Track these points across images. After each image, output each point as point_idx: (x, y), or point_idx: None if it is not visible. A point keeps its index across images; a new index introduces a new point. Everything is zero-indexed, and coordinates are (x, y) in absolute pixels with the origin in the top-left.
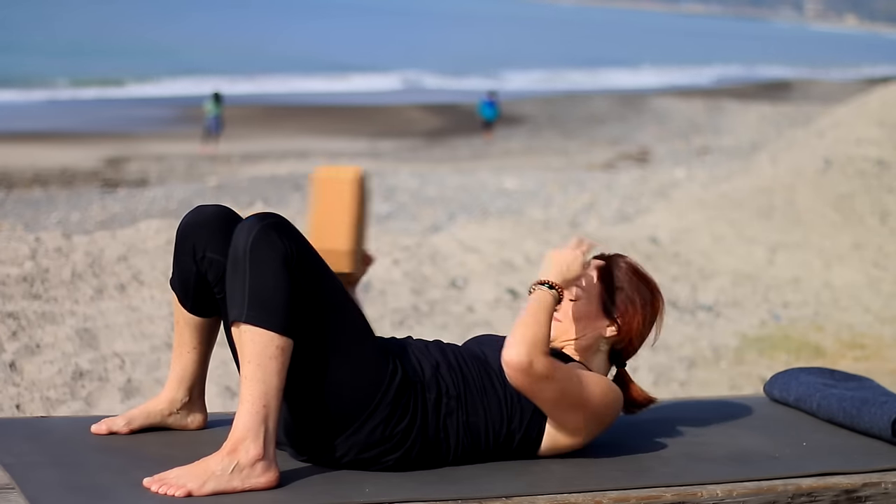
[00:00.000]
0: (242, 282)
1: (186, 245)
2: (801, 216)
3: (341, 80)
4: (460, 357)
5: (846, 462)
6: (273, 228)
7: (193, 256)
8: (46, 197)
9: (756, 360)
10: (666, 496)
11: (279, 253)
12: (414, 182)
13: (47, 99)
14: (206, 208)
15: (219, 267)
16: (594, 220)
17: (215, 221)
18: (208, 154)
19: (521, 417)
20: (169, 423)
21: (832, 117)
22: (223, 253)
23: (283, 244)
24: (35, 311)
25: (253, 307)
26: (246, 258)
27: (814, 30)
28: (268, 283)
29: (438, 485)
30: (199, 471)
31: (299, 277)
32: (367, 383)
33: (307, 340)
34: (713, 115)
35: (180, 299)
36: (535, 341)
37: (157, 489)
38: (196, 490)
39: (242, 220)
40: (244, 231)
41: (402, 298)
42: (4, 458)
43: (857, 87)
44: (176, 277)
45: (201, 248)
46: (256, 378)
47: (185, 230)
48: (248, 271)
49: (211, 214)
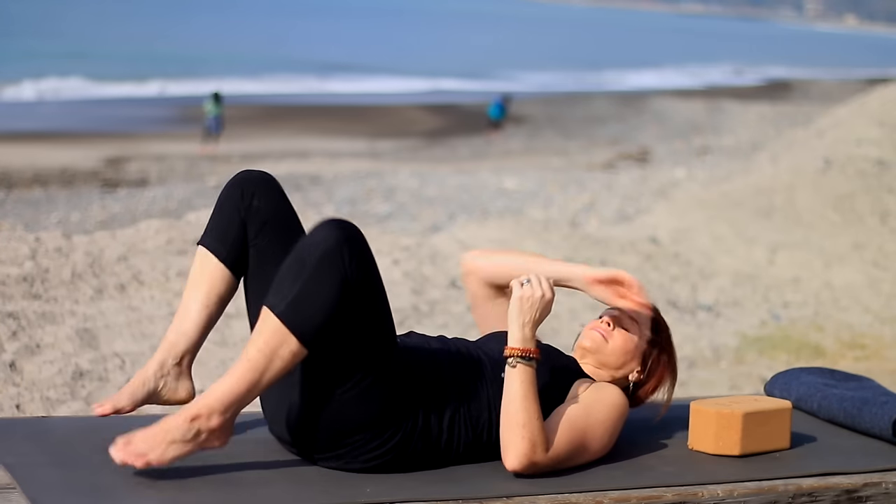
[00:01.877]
0: (295, 280)
1: (234, 192)
2: (801, 216)
3: (341, 80)
4: (462, 349)
5: (847, 462)
6: (347, 244)
7: (241, 202)
8: (46, 197)
9: (756, 360)
10: (667, 496)
11: (342, 275)
12: (414, 182)
13: (43, 98)
14: (254, 171)
15: (263, 217)
16: (594, 220)
17: (264, 180)
18: (208, 154)
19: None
20: (162, 394)
21: (832, 117)
22: (269, 204)
23: (350, 266)
24: (35, 311)
25: (292, 308)
26: (310, 264)
27: (814, 30)
28: (317, 297)
29: (439, 485)
30: (160, 438)
31: (351, 300)
32: (383, 395)
33: (334, 353)
34: (713, 115)
35: (216, 249)
36: (532, 440)
37: (121, 460)
38: (156, 461)
39: (318, 223)
40: (320, 235)
41: (402, 298)
42: (5, 458)
43: (857, 87)
44: (213, 229)
45: (249, 194)
46: (257, 366)
47: (235, 180)
48: (306, 276)
49: (259, 174)
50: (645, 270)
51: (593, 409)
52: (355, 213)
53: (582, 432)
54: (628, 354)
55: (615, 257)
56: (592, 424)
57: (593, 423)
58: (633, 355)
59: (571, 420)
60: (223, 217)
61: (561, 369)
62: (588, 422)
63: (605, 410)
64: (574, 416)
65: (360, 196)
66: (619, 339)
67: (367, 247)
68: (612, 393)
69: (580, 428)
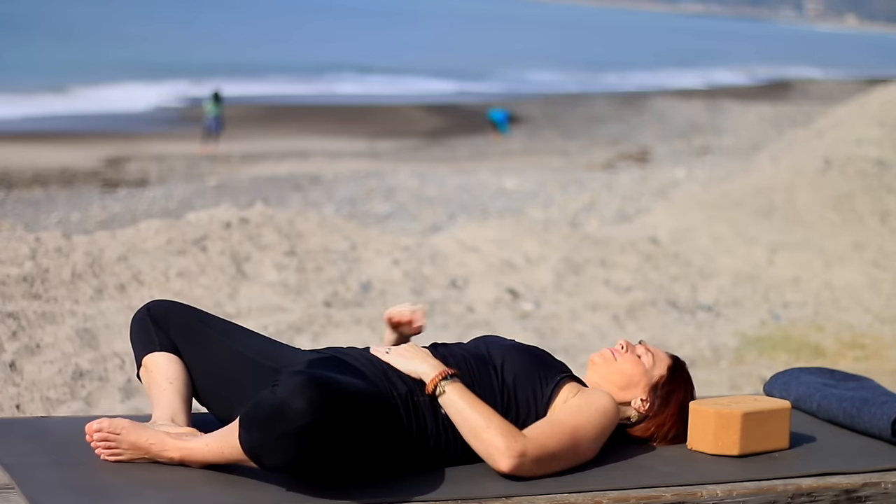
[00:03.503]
0: (262, 428)
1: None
2: (801, 216)
3: (341, 81)
4: (459, 352)
5: (846, 462)
6: (313, 430)
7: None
8: (46, 197)
9: (756, 360)
10: (666, 496)
11: (295, 455)
12: (414, 182)
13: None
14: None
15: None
16: (594, 219)
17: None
18: (208, 154)
19: (516, 413)
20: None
21: (832, 117)
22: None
23: (303, 450)
24: (35, 311)
25: (252, 452)
26: (274, 432)
27: (814, 30)
28: (276, 455)
29: (438, 485)
30: (142, 441)
31: (317, 454)
32: (381, 433)
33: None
34: (713, 115)
35: (148, 351)
36: (502, 433)
37: (95, 444)
38: (126, 460)
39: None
40: (293, 406)
41: (402, 298)
42: (4, 458)
43: (857, 87)
44: (136, 347)
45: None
46: (211, 453)
47: (139, 315)
48: (270, 433)
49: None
50: (645, 270)
51: (582, 411)
52: (355, 213)
53: (571, 430)
54: (633, 378)
55: (615, 257)
56: (582, 424)
57: (583, 423)
58: (637, 381)
59: (560, 418)
60: (142, 336)
61: (529, 357)
62: (577, 421)
63: (594, 414)
64: (562, 416)
65: (360, 196)
66: (628, 363)
67: (340, 414)
68: (602, 397)
69: (569, 426)
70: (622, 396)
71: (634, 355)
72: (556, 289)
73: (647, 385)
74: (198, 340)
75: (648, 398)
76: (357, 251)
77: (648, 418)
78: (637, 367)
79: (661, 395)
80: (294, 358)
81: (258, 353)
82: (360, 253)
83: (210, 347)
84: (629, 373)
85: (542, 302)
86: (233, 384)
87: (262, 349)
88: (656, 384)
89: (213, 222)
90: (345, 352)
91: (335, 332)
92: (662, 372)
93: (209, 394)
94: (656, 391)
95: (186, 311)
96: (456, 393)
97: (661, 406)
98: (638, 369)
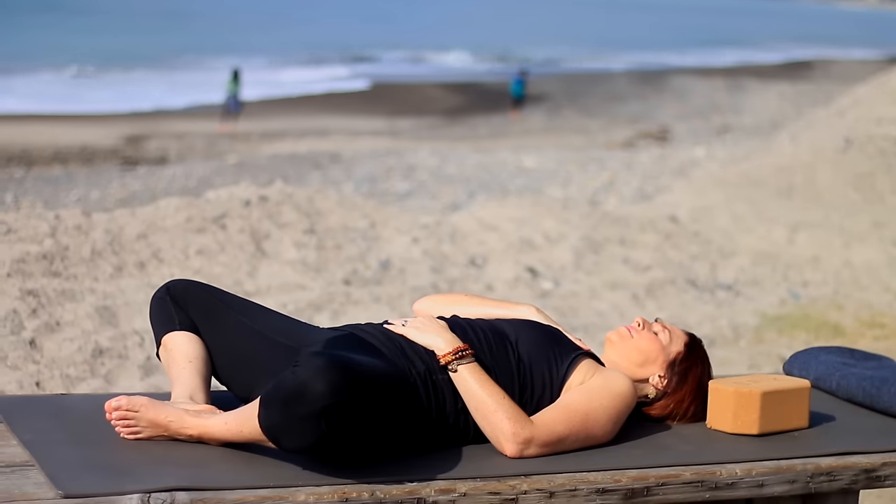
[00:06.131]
0: (282, 409)
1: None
2: (821, 195)
3: (362, 60)
4: (479, 324)
5: (865, 441)
6: (333, 413)
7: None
8: (66, 175)
9: (775, 339)
10: (685, 475)
11: (313, 437)
12: (433, 160)
13: (68, 77)
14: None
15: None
16: (613, 198)
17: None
18: (227, 132)
19: (532, 390)
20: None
21: (852, 96)
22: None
23: (322, 432)
24: (55, 289)
25: (270, 432)
26: (294, 414)
27: (835, 8)
28: (295, 437)
29: (457, 463)
30: (161, 418)
31: (337, 436)
32: (400, 414)
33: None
34: (733, 94)
35: (167, 329)
36: (510, 417)
37: (115, 421)
38: (144, 438)
39: (309, 355)
40: (313, 387)
41: (421, 277)
42: (24, 435)
43: (878, 66)
44: (156, 326)
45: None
46: (230, 431)
47: (158, 294)
48: (289, 417)
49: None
50: (664, 249)
51: (597, 395)
52: (375, 191)
53: (583, 415)
54: (650, 355)
55: (634, 236)
56: (596, 409)
57: (596, 407)
58: (654, 358)
59: (573, 402)
60: (162, 315)
61: (542, 335)
62: (591, 405)
63: (610, 397)
64: (576, 398)
65: (380, 174)
66: (645, 339)
67: (360, 397)
68: (618, 380)
69: (582, 411)
70: (640, 374)
71: (651, 332)
72: (576, 267)
73: (665, 361)
74: (217, 319)
75: (666, 374)
76: (376, 229)
77: (667, 395)
78: (654, 344)
79: (679, 372)
80: (313, 336)
81: (277, 332)
82: (379, 231)
83: (229, 326)
84: (646, 349)
85: (561, 280)
86: (252, 363)
87: (281, 328)
88: (674, 360)
89: (232, 200)
90: (363, 328)
91: (354, 310)
92: (679, 348)
93: (228, 373)
94: (674, 367)
95: (206, 290)
96: (468, 371)
97: (679, 382)
98: (655, 346)
